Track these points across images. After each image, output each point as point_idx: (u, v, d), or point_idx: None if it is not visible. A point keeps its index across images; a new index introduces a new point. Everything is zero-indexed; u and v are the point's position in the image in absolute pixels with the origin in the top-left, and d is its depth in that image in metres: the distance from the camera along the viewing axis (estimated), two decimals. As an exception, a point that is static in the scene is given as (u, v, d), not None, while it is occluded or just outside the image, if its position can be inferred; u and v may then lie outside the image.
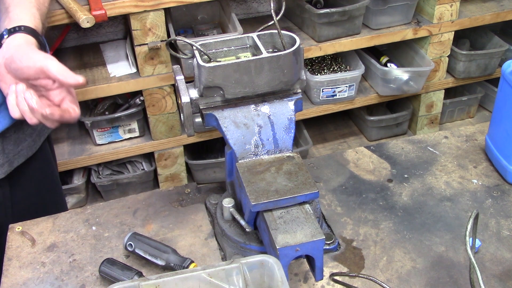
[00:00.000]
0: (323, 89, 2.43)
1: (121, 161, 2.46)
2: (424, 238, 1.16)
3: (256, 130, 1.05)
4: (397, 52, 2.68)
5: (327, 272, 1.08)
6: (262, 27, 1.11)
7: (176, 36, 2.02)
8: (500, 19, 2.57)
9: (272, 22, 1.06)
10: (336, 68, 2.64)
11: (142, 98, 2.24)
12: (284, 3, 1.10)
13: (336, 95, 2.48)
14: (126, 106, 2.34)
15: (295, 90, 1.09)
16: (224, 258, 1.13)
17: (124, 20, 2.44)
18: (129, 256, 1.14)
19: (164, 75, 2.17)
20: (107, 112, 2.32)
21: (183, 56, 1.15)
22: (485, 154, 1.38)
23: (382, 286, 1.03)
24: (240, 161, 1.04)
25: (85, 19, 1.75)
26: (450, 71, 2.69)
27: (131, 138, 2.36)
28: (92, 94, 2.14)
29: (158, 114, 2.26)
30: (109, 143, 2.33)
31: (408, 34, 2.44)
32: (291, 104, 1.08)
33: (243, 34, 1.48)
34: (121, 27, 2.48)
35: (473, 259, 0.95)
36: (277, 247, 0.91)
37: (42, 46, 1.11)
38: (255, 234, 1.08)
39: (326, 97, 2.47)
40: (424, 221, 1.20)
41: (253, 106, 1.07)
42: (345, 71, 2.60)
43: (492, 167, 1.34)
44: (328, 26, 2.30)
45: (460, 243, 1.14)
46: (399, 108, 2.82)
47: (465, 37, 2.76)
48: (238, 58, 1.07)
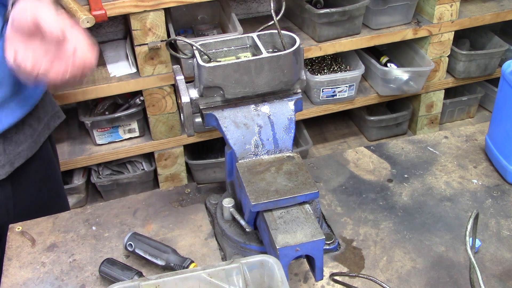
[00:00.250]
0: (323, 89, 2.43)
1: (121, 161, 2.46)
2: (424, 238, 1.16)
3: (256, 130, 1.05)
4: (397, 52, 2.68)
5: (327, 272, 1.08)
6: (262, 27, 1.11)
7: (176, 36, 2.02)
8: (500, 19, 2.57)
9: (272, 22, 1.06)
10: (336, 68, 2.64)
11: (142, 98, 2.24)
12: (284, 3, 1.10)
13: (336, 95, 2.48)
14: (126, 106, 2.34)
15: (295, 90, 1.09)
16: (224, 258, 1.12)
17: (124, 20, 2.44)
18: (129, 256, 1.14)
19: (164, 75, 2.17)
20: (107, 112, 2.32)
21: (183, 56, 1.15)
22: (485, 154, 1.38)
23: (382, 286, 1.03)
24: (240, 161, 1.04)
25: (85, 19, 1.74)
26: (450, 71, 2.69)
27: (131, 138, 2.36)
28: (92, 94, 2.14)
29: (158, 114, 2.26)
30: (109, 143, 2.33)
31: (408, 34, 2.44)
32: (291, 104, 1.08)
33: (243, 34, 1.48)
34: (121, 27, 2.48)
35: (473, 259, 0.95)
36: (277, 247, 0.91)
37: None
38: (255, 234, 1.08)
39: (326, 97, 2.47)
40: (424, 221, 1.20)
41: (253, 106, 1.07)
42: (345, 71, 2.60)
43: (492, 167, 1.34)
44: (328, 26, 2.30)
45: (460, 243, 1.14)
46: (399, 108, 2.82)
47: (465, 37, 2.76)
48: (238, 58, 1.07)
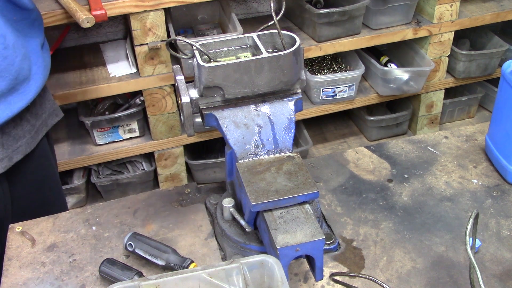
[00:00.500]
0: (323, 89, 2.43)
1: (121, 161, 2.46)
2: (424, 238, 1.16)
3: (256, 130, 1.05)
4: (397, 52, 2.68)
5: (327, 272, 1.08)
6: (262, 27, 1.11)
7: (176, 36, 2.02)
8: (500, 19, 2.57)
9: (272, 22, 1.06)
10: (336, 68, 2.64)
11: (142, 98, 2.24)
12: (284, 3, 1.10)
13: (336, 95, 2.48)
14: (126, 106, 2.34)
15: (295, 90, 1.09)
16: (224, 258, 1.12)
17: (124, 20, 2.44)
18: (129, 256, 1.14)
19: (164, 75, 2.17)
20: (107, 112, 2.32)
21: (183, 56, 1.15)
22: (485, 154, 1.38)
23: (382, 286, 1.03)
24: (240, 161, 1.04)
25: (85, 19, 1.74)
26: (450, 71, 2.69)
27: (131, 138, 2.36)
28: (92, 94, 2.14)
29: (158, 114, 2.26)
30: (109, 143, 2.33)
31: (408, 34, 2.44)
32: (291, 104, 1.08)
33: (243, 34, 1.48)
34: (121, 27, 2.48)
35: (473, 259, 0.95)
36: (277, 247, 0.91)
37: None
38: (255, 234, 1.08)
39: (326, 97, 2.47)
40: (424, 221, 1.20)
41: (253, 106, 1.07)
42: (345, 71, 2.60)
43: (492, 167, 1.34)
44: (328, 26, 2.30)
45: (460, 243, 1.14)
46: (399, 108, 2.82)
47: (465, 37, 2.76)
48: (238, 58, 1.07)
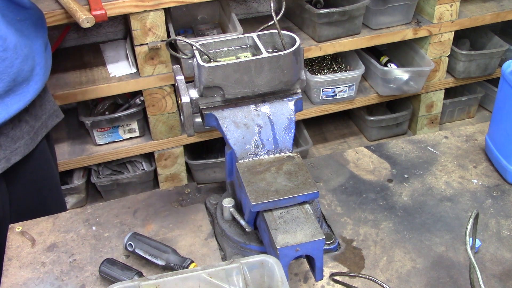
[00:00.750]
0: (323, 89, 2.43)
1: (121, 161, 2.46)
2: (424, 238, 1.16)
3: (256, 130, 1.05)
4: (397, 52, 2.68)
5: (327, 272, 1.08)
6: (262, 27, 1.11)
7: (176, 36, 2.02)
8: (500, 19, 2.57)
9: (272, 22, 1.06)
10: (336, 68, 2.64)
11: (142, 98, 2.24)
12: (284, 3, 1.10)
13: (336, 95, 2.48)
14: (126, 106, 2.34)
15: (295, 90, 1.09)
16: (224, 258, 1.12)
17: (124, 20, 2.44)
18: (129, 256, 1.14)
19: (164, 75, 2.17)
20: (107, 112, 2.32)
21: (183, 56, 1.15)
22: (485, 154, 1.38)
23: (382, 286, 1.03)
24: (240, 161, 1.04)
25: (85, 19, 1.74)
26: (450, 71, 2.69)
27: (131, 138, 2.36)
28: (92, 94, 2.14)
29: (158, 114, 2.26)
30: (109, 143, 2.33)
31: (408, 34, 2.44)
32: (291, 104, 1.08)
33: (243, 34, 1.48)
34: (121, 27, 2.48)
35: (473, 259, 0.95)
36: (277, 247, 0.91)
37: None
38: (255, 234, 1.08)
39: (326, 97, 2.47)
40: (424, 221, 1.20)
41: (253, 106, 1.07)
42: (345, 71, 2.60)
43: (492, 167, 1.34)
44: (328, 26, 2.30)
45: (460, 243, 1.14)
46: (399, 108, 2.82)
47: (465, 37, 2.76)
48: (238, 58, 1.07)
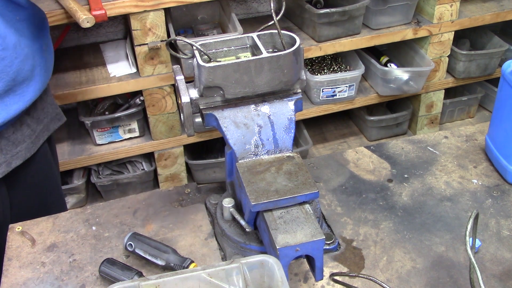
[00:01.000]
0: (323, 89, 2.43)
1: (121, 161, 2.46)
2: (424, 238, 1.16)
3: (256, 130, 1.05)
4: (397, 52, 2.68)
5: (327, 272, 1.08)
6: (262, 27, 1.11)
7: (176, 36, 2.02)
8: (500, 19, 2.57)
9: (272, 22, 1.06)
10: (336, 68, 2.64)
11: (142, 98, 2.24)
12: (284, 3, 1.10)
13: (336, 95, 2.48)
14: (126, 106, 2.34)
15: (295, 90, 1.09)
16: (224, 258, 1.12)
17: (124, 20, 2.44)
18: (129, 256, 1.14)
19: (164, 75, 2.17)
20: (107, 112, 2.32)
21: (183, 56, 1.15)
22: (485, 154, 1.38)
23: (382, 286, 1.03)
24: (240, 161, 1.04)
25: (85, 19, 1.74)
26: (450, 71, 2.69)
27: (131, 138, 2.36)
28: (92, 94, 2.14)
29: (158, 114, 2.26)
30: (109, 143, 2.33)
31: (408, 34, 2.44)
32: (291, 104, 1.08)
33: (243, 34, 1.48)
34: (121, 27, 2.48)
35: (473, 259, 0.95)
36: (277, 247, 0.91)
37: None
38: (255, 234, 1.08)
39: (326, 97, 2.47)
40: (424, 221, 1.20)
41: (253, 106, 1.07)
42: (345, 71, 2.60)
43: (492, 167, 1.34)
44: (328, 26, 2.30)
45: (460, 243, 1.14)
46: (399, 108, 2.82)
47: (465, 37, 2.76)
48: (238, 58, 1.07)
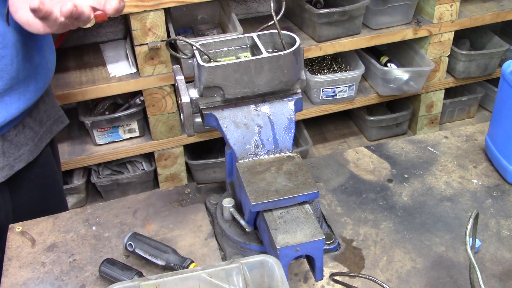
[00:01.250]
0: (323, 89, 2.43)
1: (121, 161, 2.46)
2: (424, 238, 1.16)
3: (256, 130, 1.05)
4: (397, 52, 2.68)
5: (327, 272, 1.08)
6: (262, 27, 1.11)
7: (176, 36, 2.02)
8: (500, 19, 2.57)
9: (272, 22, 1.05)
10: (336, 68, 2.64)
11: (142, 98, 2.24)
12: (284, 3, 1.10)
13: (336, 95, 2.48)
14: (126, 106, 2.34)
15: (295, 90, 1.09)
16: (224, 258, 1.12)
17: (124, 20, 2.44)
18: (129, 256, 1.14)
19: (164, 75, 2.17)
20: (107, 112, 2.32)
21: (183, 56, 1.15)
22: (485, 154, 1.38)
23: (382, 286, 1.03)
24: (240, 161, 1.04)
25: (85, 19, 1.74)
26: (450, 71, 2.69)
27: (131, 138, 2.36)
28: (92, 94, 2.14)
29: (158, 114, 2.26)
30: (109, 143, 2.33)
31: (408, 34, 2.43)
32: (291, 104, 1.08)
33: (243, 34, 1.48)
34: (121, 27, 2.48)
35: (473, 259, 0.95)
36: (277, 247, 0.91)
37: None
38: (255, 234, 1.08)
39: (326, 97, 2.47)
40: (424, 221, 1.20)
41: (253, 106, 1.07)
42: (345, 71, 2.60)
43: (492, 167, 1.34)
44: (328, 26, 2.30)
45: (460, 243, 1.14)
46: (399, 108, 2.82)
47: (465, 37, 2.76)
48: (238, 58, 1.07)
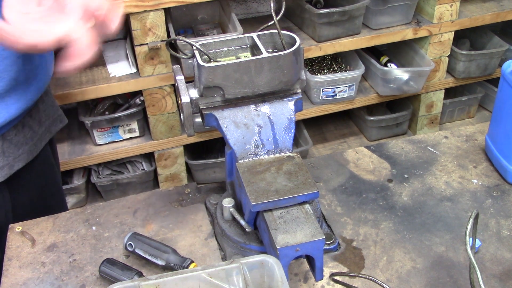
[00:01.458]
0: (323, 89, 2.43)
1: (121, 161, 2.46)
2: (424, 238, 1.16)
3: (256, 130, 1.05)
4: (397, 52, 2.68)
5: (327, 272, 1.08)
6: (262, 27, 1.11)
7: (176, 36, 2.02)
8: (500, 19, 2.57)
9: (272, 22, 1.05)
10: (336, 68, 2.64)
11: (142, 98, 2.24)
12: (284, 3, 1.10)
13: (336, 95, 2.48)
14: (126, 106, 2.34)
15: (295, 90, 1.09)
16: (224, 258, 1.12)
17: (124, 20, 2.44)
18: (129, 256, 1.14)
19: (164, 75, 2.17)
20: (107, 112, 2.32)
21: (183, 56, 1.15)
22: (485, 154, 1.37)
23: (382, 286, 1.03)
24: (240, 161, 1.04)
25: (85, 19, 1.74)
26: (450, 71, 2.69)
27: (131, 138, 2.36)
28: (92, 94, 2.14)
29: (158, 114, 2.26)
30: (109, 143, 2.33)
31: (408, 34, 2.44)
32: (291, 104, 1.08)
33: (243, 34, 1.48)
34: (121, 27, 2.48)
35: (473, 259, 0.95)
36: (277, 247, 0.91)
37: None
38: (255, 234, 1.08)
39: (326, 97, 2.47)
40: (424, 221, 1.20)
41: (253, 106, 1.07)
42: (345, 71, 2.60)
43: (492, 167, 1.33)
44: (328, 26, 2.30)
45: (460, 243, 1.14)
46: (399, 108, 2.82)
47: (465, 37, 2.76)
48: (238, 58, 1.07)
